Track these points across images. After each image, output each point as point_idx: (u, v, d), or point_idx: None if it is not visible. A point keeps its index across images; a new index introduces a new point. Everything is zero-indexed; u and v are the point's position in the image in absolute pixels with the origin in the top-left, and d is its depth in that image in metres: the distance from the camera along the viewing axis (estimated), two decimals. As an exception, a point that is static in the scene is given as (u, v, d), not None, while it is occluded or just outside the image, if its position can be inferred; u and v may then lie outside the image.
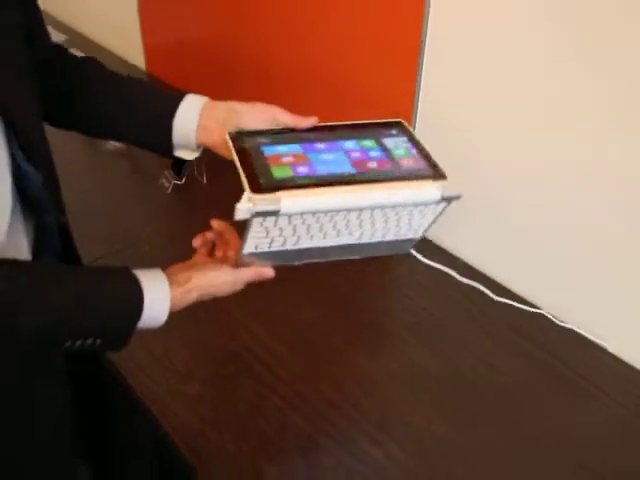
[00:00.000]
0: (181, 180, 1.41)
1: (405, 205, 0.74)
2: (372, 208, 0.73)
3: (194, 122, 0.76)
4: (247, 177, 0.70)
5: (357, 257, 0.81)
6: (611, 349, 1.03)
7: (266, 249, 0.77)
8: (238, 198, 0.81)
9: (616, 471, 0.85)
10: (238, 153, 0.74)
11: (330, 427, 0.88)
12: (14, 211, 0.71)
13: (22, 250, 0.75)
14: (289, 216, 0.71)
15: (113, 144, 1.56)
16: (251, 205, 0.67)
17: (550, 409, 0.93)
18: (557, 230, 1.05)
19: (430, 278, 1.16)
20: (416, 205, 0.74)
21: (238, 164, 0.72)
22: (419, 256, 1.18)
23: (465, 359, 1.00)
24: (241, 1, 1.45)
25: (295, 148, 0.75)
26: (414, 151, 0.78)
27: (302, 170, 0.72)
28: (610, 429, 0.91)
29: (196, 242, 0.85)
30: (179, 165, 1.41)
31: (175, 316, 1.10)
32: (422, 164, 0.76)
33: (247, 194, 0.69)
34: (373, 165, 0.75)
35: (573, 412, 0.93)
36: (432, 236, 1.27)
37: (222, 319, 1.06)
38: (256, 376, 0.96)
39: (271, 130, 0.76)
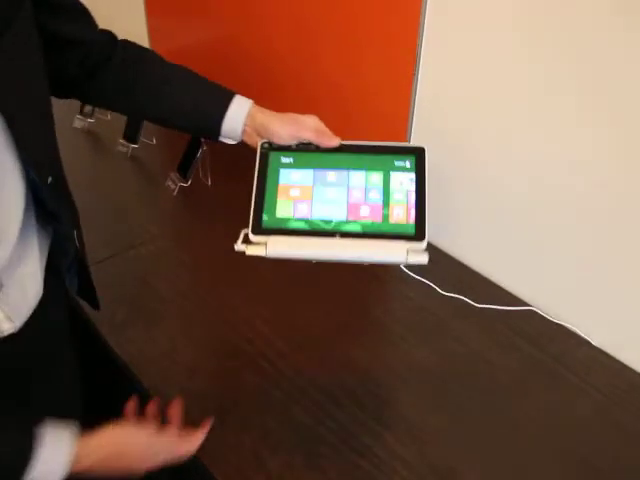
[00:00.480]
0: (187, 182, 1.43)
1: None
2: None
3: (240, 126, 0.85)
4: (253, 213, 0.84)
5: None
6: (595, 343, 1.06)
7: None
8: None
9: (597, 452, 0.88)
10: (259, 176, 0.86)
11: (330, 421, 0.90)
12: (27, 217, 0.73)
13: (32, 256, 0.77)
14: None
15: (121, 147, 1.59)
16: (244, 247, 0.82)
17: (540, 400, 0.96)
18: (547, 229, 1.08)
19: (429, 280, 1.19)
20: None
21: (254, 189, 0.85)
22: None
23: (462, 356, 1.03)
24: (248, 7, 1.48)
25: (308, 176, 0.85)
26: (412, 197, 0.84)
27: (301, 209, 0.84)
28: (594, 416, 0.94)
29: (129, 407, 0.82)
30: (185, 167, 1.43)
31: (181, 313, 1.13)
32: (411, 218, 0.83)
33: (243, 233, 0.84)
34: (365, 213, 0.84)
35: (561, 402, 0.96)
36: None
37: (227, 315, 1.09)
38: (259, 371, 0.98)
39: (298, 146, 0.86)
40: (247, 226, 0.83)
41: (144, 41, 1.84)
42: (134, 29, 1.87)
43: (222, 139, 0.88)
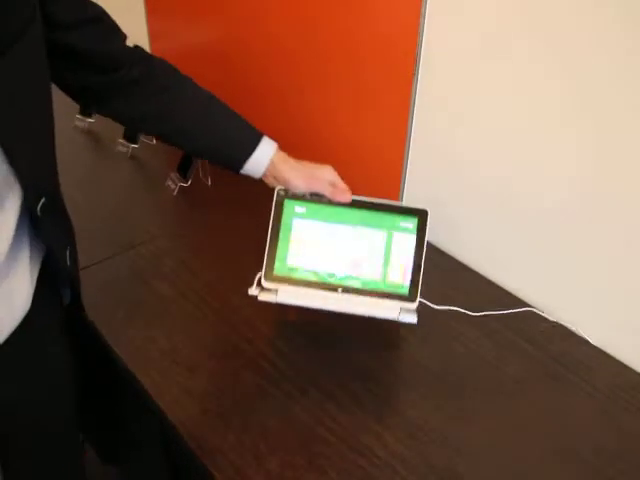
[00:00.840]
0: (187, 182, 1.43)
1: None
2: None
3: (261, 170, 0.93)
4: (267, 259, 0.95)
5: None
6: (595, 343, 1.06)
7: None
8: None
9: (596, 451, 0.88)
10: (273, 223, 0.96)
11: (330, 421, 0.91)
12: (19, 231, 0.73)
13: (22, 269, 0.76)
14: None
15: (121, 147, 1.59)
16: (257, 292, 0.95)
17: (540, 400, 0.96)
18: (546, 228, 1.08)
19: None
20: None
21: (269, 235, 0.95)
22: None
23: (462, 356, 1.03)
24: (248, 8, 1.48)
25: (318, 229, 0.95)
26: (410, 260, 0.94)
27: (310, 260, 0.95)
28: (594, 416, 0.94)
29: None
30: (185, 167, 1.44)
31: (181, 313, 1.14)
32: (406, 279, 0.95)
33: (257, 279, 0.96)
34: (366, 270, 0.95)
35: (561, 402, 0.96)
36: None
37: (227, 315, 1.09)
38: (259, 371, 0.98)
39: (312, 195, 0.95)
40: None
41: (144, 41, 1.85)
42: (134, 29, 1.87)
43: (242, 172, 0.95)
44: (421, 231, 0.94)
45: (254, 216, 0.99)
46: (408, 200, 1.32)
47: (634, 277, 0.99)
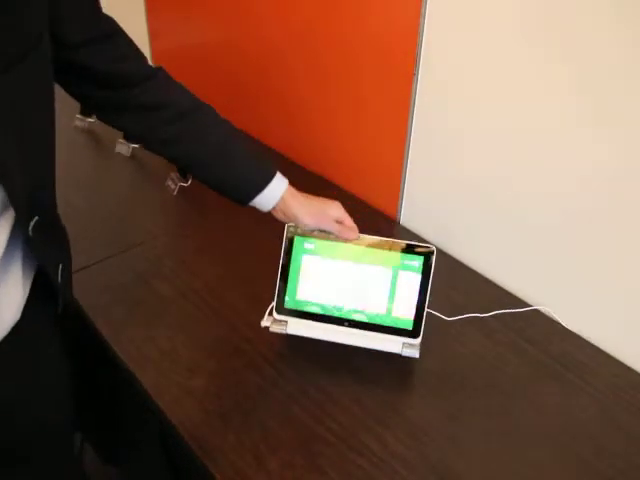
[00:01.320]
0: (187, 182, 1.43)
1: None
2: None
3: (271, 205, 0.95)
4: (278, 293, 1.00)
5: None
6: (596, 343, 1.06)
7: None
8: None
9: (596, 451, 0.88)
10: (284, 259, 0.99)
11: (330, 421, 0.90)
12: (12, 243, 0.72)
13: (14, 281, 0.76)
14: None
15: (121, 148, 1.59)
16: (269, 323, 1.00)
17: (541, 400, 0.96)
18: (547, 230, 1.08)
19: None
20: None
21: (279, 270, 1.00)
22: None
23: (463, 356, 1.03)
24: (248, 7, 1.48)
25: (326, 265, 0.99)
26: (415, 297, 0.97)
27: (318, 295, 0.99)
28: (594, 417, 0.94)
29: None
30: (185, 167, 1.43)
31: (181, 313, 1.14)
32: (411, 315, 0.97)
33: (268, 311, 1.01)
34: (372, 304, 0.98)
35: (562, 403, 0.96)
36: (427, 235, 1.29)
37: (227, 315, 1.09)
38: (259, 371, 0.98)
39: (321, 233, 0.99)
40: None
41: (144, 41, 1.85)
42: (134, 29, 1.87)
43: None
44: (426, 269, 0.97)
45: (254, 216, 0.99)
46: (408, 200, 1.32)
47: (634, 277, 0.99)
